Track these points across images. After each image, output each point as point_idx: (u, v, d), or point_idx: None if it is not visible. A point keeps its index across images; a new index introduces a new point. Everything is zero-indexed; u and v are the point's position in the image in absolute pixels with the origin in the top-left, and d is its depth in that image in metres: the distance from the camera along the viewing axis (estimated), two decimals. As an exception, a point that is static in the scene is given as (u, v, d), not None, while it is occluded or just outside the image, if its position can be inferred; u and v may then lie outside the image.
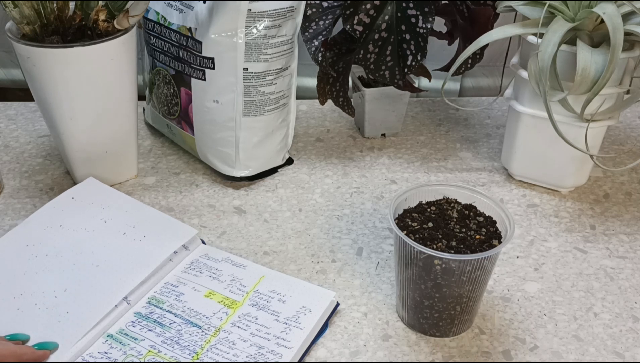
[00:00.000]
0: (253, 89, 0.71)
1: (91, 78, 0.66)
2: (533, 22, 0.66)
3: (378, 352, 0.55)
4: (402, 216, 0.56)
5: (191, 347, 0.54)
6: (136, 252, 0.61)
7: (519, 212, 0.72)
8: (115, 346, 0.54)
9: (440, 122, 0.90)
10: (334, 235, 0.68)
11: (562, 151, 0.69)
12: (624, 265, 0.65)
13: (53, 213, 0.65)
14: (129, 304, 0.57)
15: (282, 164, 0.79)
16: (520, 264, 0.65)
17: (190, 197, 0.74)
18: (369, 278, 0.63)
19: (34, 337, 0.53)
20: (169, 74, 0.76)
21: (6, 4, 0.63)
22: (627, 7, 0.62)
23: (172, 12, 0.73)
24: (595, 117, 0.67)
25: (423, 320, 0.56)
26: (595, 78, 0.61)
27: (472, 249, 0.52)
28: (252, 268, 0.62)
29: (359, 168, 0.80)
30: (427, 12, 0.70)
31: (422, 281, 0.52)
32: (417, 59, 0.71)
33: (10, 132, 0.86)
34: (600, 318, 0.59)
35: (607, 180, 0.78)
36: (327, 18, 0.74)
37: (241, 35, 0.68)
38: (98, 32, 0.67)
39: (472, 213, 0.56)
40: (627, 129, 0.89)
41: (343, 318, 0.58)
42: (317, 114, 0.92)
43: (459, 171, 0.80)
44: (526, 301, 0.60)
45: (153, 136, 0.86)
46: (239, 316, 0.56)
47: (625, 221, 0.71)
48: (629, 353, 0.55)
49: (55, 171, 0.78)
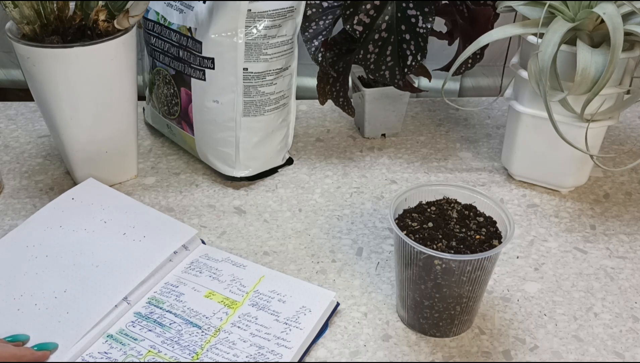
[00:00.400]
0: (253, 89, 0.71)
1: (91, 78, 0.66)
2: (533, 22, 0.66)
3: (378, 352, 0.55)
4: (402, 216, 0.56)
5: (191, 347, 0.54)
6: (136, 252, 0.61)
7: (519, 212, 0.72)
8: (115, 346, 0.54)
9: (440, 122, 0.90)
10: (334, 235, 0.68)
11: (562, 151, 0.69)
12: (624, 265, 0.65)
13: (53, 214, 0.65)
14: (129, 304, 0.57)
15: (282, 164, 0.79)
16: (520, 264, 0.65)
17: (190, 197, 0.74)
18: (369, 278, 0.63)
19: (34, 338, 0.53)
20: (169, 74, 0.76)
21: (6, 4, 0.63)
22: (627, 7, 0.62)
23: (172, 12, 0.73)
24: (595, 117, 0.67)
25: (423, 320, 0.56)
26: (595, 78, 0.61)
27: (472, 249, 0.52)
28: (252, 268, 0.62)
29: (359, 168, 0.80)
30: (427, 12, 0.70)
31: (422, 281, 0.52)
32: (417, 59, 0.71)
33: (10, 132, 0.86)
34: (600, 318, 0.59)
35: (607, 180, 0.78)
36: (327, 18, 0.74)
37: (241, 35, 0.68)
38: (98, 32, 0.67)
39: (472, 213, 0.56)
40: (627, 129, 0.89)
41: (343, 318, 0.58)
42: (317, 114, 0.92)
43: (459, 171, 0.80)
44: (526, 302, 0.60)
45: (153, 136, 0.86)
46: (239, 317, 0.56)
47: (625, 221, 0.71)
48: (629, 353, 0.55)
49: (55, 171, 0.78)
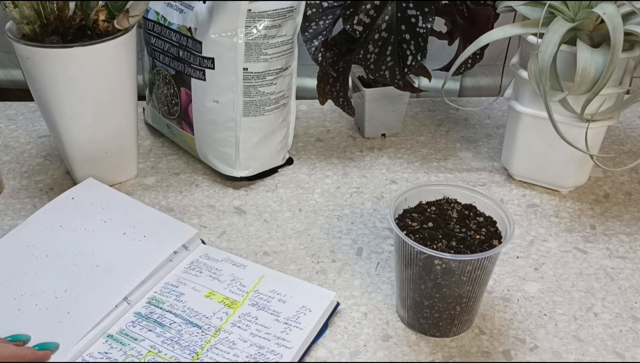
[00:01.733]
0: (253, 89, 0.71)
1: (91, 78, 0.66)
2: (533, 22, 0.66)
3: (378, 352, 0.55)
4: (402, 216, 0.56)
5: (191, 347, 0.54)
6: (136, 252, 0.61)
7: (519, 212, 0.72)
8: (116, 346, 0.54)
9: (440, 122, 0.90)
10: (334, 235, 0.68)
11: (562, 151, 0.69)
12: (624, 265, 0.65)
13: (53, 214, 0.65)
14: (129, 304, 0.57)
15: (282, 164, 0.79)
16: (520, 264, 0.65)
17: (190, 197, 0.74)
18: (369, 278, 0.63)
19: (34, 338, 0.53)
20: (169, 74, 0.76)
21: (6, 4, 0.63)
22: (627, 7, 0.62)
23: (172, 12, 0.73)
24: (595, 117, 0.67)
25: (423, 320, 0.56)
26: (595, 78, 0.61)
27: (472, 249, 0.52)
28: (252, 268, 0.62)
29: (359, 168, 0.80)
30: (427, 12, 0.70)
31: (422, 281, 0.52)
32: (417, 59, 0.71)
33: (10, 132, 0.86)
34: (600, 318, 0.59)
35: (607, 180, 0.78)
36: (327, 18, 0.74)
37: (241, 35, 0.68)
38: (98, 32, 0.67)
39: (472, 213, 0.56)
40: (627, 129, 0.89)
41: (343, 318, 0.58)
42: (317, 114, 0.92)
43: (459, 171, 0.80)
44: (526, 302, 0.60)
45: (153, 136, 0.86)
46: (239, 317, 0.56)
47: (625, 221, 0.71)
48: (629, 353, 0.55)
49: (55, 171, 0.78)
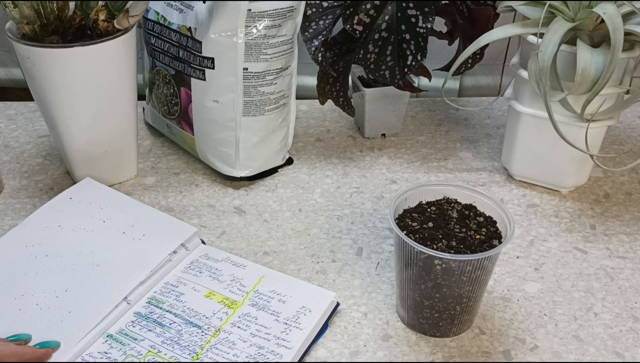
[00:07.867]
0: (253, 89, 0.71)
1: (91, 78, 0.66)
2: (533, 22, 0.66)
3: (378, 352, 0.55)
4: (402, 216, 0.56)
5: (191, 347, 0.54)
6: (136, 251, 0.61)
7: (519, 212, 0.72)
8: (115, 346, 0.54)
9: (440, 122, 0.90)
10: (334, 235, 0.68)
11: (562, 151, 0.69)
12: (624, 265, 0.65)
13: (51, 214, 0.65)
14: (129, 304, 0.57)
15: (282, 164, 0.79)
16: (520, 264, 0.65)
17: (190, 197, 0.74)
18: (369, 278, 0.63)
19: (36, 337, 0.53)
20: (169, 74, 0.76)
21: (6, 4, 0.63)
22: (627, 7, 0.62)
23: (172, 12, 0.73)
24: (596, 117, 0.67)
25: (423, 320, 0.56)
26: (595, 78, 0.61)
27: (472, 249, 0.52)
28: (252, 268, 0.62)
29: (359, 168, 0.80)
30: (427, 12, 0.70)
31: (422, 281, 0.52)
32: (417, 59, 0.71)
33: (10, 132, 0.86)
34: (600, 318, 0.59)
35: (607, 180, 0.78)
36: (327, 18, 0.74)
37: (241, 35, 0.68)
38: (98, 32, 0.67)
39: (472, 213, 0.56)
40: (627, 129, 0.89)
41: (343, 318, 0.58)
42: (317, 114, 0.92)
43: (459, 171, 0.80)
44: (526, 301, 0.60)
45: (153, 136, 0.86)
46: (239, 317, 0.56)
47: (625, 221, 0.71)
48: (629, 353, 0.55)
49: (55, 171, 0.78)
